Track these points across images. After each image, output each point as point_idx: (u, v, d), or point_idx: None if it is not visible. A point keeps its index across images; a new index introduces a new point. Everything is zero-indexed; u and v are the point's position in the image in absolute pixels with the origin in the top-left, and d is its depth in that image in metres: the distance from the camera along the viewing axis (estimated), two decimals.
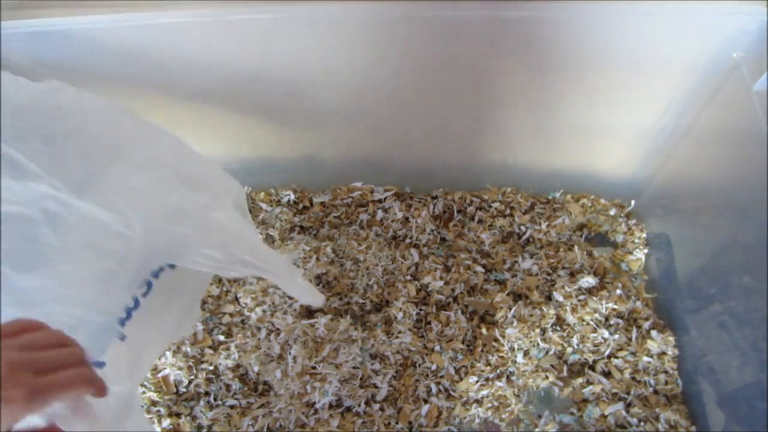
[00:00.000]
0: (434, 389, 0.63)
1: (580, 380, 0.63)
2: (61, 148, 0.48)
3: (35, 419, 0.30)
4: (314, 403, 0.61)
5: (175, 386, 0.64)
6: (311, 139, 0.72)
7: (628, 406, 0.62)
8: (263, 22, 0.55)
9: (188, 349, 0.65)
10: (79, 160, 0.48)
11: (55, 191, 0.45)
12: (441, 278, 0.69)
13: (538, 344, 0.64)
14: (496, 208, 0.76)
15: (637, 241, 0.74)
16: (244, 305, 0.67)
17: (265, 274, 0.48)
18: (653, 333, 0.65)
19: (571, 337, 0.65)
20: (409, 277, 0.70)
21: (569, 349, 0.65)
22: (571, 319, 0.65)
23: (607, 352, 0.64)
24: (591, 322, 0.65)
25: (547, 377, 0.63)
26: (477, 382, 0.63)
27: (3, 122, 0.46)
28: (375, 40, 0.57)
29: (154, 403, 0.64)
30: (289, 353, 0.62)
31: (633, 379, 0.63)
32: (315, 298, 0.53)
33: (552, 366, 0.64)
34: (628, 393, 0.62)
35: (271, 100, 0.65)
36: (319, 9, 0.53)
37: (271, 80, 0.62)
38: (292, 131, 0.71)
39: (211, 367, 0.64)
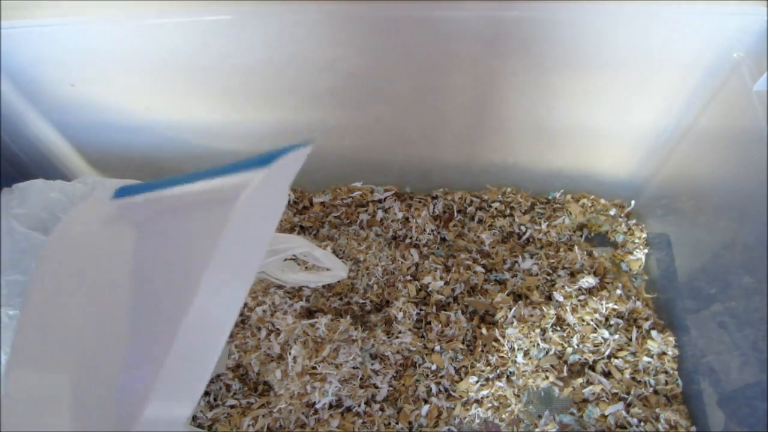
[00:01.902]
0: (434, 389, 0.63)
1: (580, 380, 0.63)
2: None
3: None
4: (314, 403, 0.61)
5: None
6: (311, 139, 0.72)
7: (628, 406, 0.62)
8: (264, 23, 0.55)
9: None
10: None
11: None
12: (441, 278, 0.69)
13: (538, 344, 0.64)
14: (496, 208, 0.76)
15: (637, 241, 0.74)
16: (244, 305, 0.67)
17: (297, 251, 0.54)
18: (653, 333, 0.65)
19: (571, 337, 0.65)
20: (409, 277, 0.70)
21: (569, 349, 0.65)
22: (571, 319, 0.65)
23: (607, 352, 0.64)
24: (591, 322, 0.65)
25: (547, 377, 0.63)
26: (477, 382, 0.63)
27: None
28: (375, 40, 0.57)
29: None
30: (289, 353, 0.62)
31: (633, 379, 0.63)
32: (340, 267, 0.59)
33: (552, 366, 0.64)
34: (628, 393, 0.62)
35: (271, 101, 0.65)
36: (320, 9, 0.53)
37: (272, 81, 0.62)
38: (291, 132, 0.71)
39: None
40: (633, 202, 0.77)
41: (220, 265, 0.26)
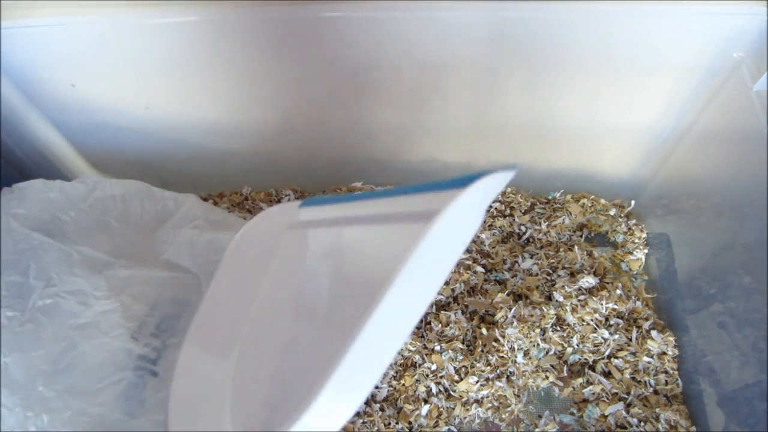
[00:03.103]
0: (434, 389, 0.63)
1: (580, 380, 0.63)
2: (117, 231, 0.57)
3: None
4: None
5: None
6: (311, 139, 0.72)
7: (628, 406, 0.62)
8: (264, 22, 0.55)
9: None
10: (133, 237, 0.57)
11: (125, 270, 0.53)
12: None
13: (538, 344, 0.64)
14: (496, 208, 0.76)
15: (637, 241, 0.74)
16: None
17: None
18: (653, 333, 0.65)
19: (571, 337, 0.65)
20: None
21: (569, 349, 0.65)
22: (571, 319, 0.65)
23: (607, 352, 0.64)
24: (591, 322, 0.65)
25: (547, 377, 0.63)
26: (477, 382, 0.63)
27: (69, 228, 0.55)
28: (375, 40, 0.57)
29: None
30: None
31: (633, 379, 0.63)
32: None
33: (552, 366, 0.64)
34: (628, 393, 0.62)
35: (271, 101, 0.65)
36: (320, 9, 0.53)
37: (272, 80, 0.62)
38: (292, 131, 0.71)
39: None
40: (633, 202, 0.77)
41: (404, 282, 0.26)
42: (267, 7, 0.54)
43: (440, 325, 0.66)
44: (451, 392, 0.63)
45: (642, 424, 0.60)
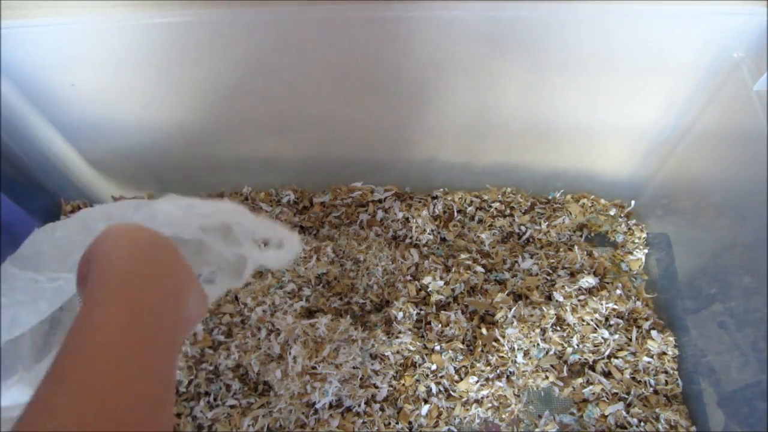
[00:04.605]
0: (434, 389, 0.63)
1: (580, 380, 0.63)
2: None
3: None
4: (314, 403, 0.61)
5: (176, 386, 0.64)
6: (311, 139, 0.72)
7: (628, 406, 0.62)
8: (264, 23, 0.55)
9: (188, 349, 0.65)
10: None
11: None
12: (441, 278, 0.69)
13: (538, 344, 0.64)
14: (496, 208, 0.76)
15: (637, 241, 0.74)
16: (244, 305, 0.67)
17: (223, 218, 0.44)
18: (653, 333, 0.65)
19: (571, 337, 0.65)
20: (409, 277, 0.70)
21: (569, 349, 0.65)
22: (571, 319, 0.65)
23: (607, 352, 0.64)
24: (591, 322, 0.65)
25: (547, 377, 0.63)
26: (477, 382, 0.63)
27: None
28: (375, 40, 0.57)
29: None
30: (289, 353, 0.62)
31: (633, 379, 0.63)
32: (287, 236, 0.45)
33: (552, 366, 0.64)
34: (628, 393, 0.62)
35: (271, 101, 0.65)
36: (320, 9, 0.53)
37: (272, 81, 0.62)
38: (292, 131, 0.71)
39: (212, 367, 0.64)
40: (633, 202, 0.77)
41: None
42: (266, 8, 0.54)
43: (440, 325, 0.66)
44: (451, 392, 0.63)
45: (642, 424, 0.60)
